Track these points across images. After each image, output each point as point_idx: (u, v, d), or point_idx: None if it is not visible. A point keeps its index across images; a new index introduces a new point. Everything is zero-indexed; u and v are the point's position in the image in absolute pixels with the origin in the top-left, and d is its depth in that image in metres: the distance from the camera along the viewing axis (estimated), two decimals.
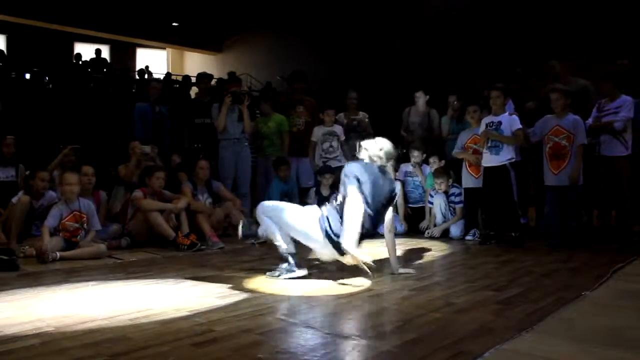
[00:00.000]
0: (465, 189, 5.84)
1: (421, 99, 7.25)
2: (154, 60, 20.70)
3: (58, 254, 4.38)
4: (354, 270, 3.83)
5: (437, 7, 12.68)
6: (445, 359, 1.97)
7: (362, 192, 3.37)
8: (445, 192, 5.96)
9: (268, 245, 5.30)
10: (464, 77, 9.87)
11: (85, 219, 4.82)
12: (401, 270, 3.74)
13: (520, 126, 5.21)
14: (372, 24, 14.12)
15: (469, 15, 12.05)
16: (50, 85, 12.13)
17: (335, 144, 6.98)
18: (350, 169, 3.45)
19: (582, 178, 5.01)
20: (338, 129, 7.04)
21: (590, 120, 5.40)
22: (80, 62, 15.20)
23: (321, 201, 6.17)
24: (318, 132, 6.97)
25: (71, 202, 4.80)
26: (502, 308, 2.71)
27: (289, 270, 3.58)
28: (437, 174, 6.01)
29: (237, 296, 3.02)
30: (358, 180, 3.38)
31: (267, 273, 3.68)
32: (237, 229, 5.63)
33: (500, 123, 5.23)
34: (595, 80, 5.79)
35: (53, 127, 8.71)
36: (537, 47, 10.12)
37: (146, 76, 16.42)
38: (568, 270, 3.84)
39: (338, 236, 3.38)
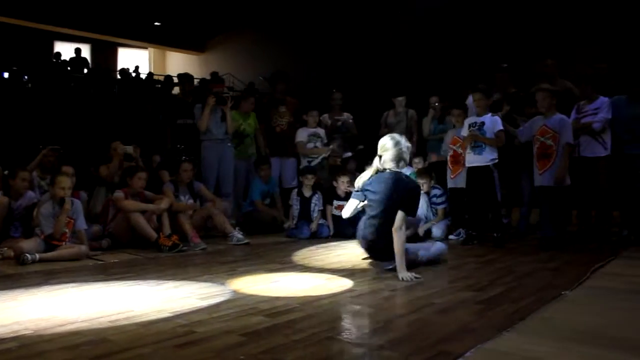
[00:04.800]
0: (449, 189, 5.90)
1: (401, 102, 7.31)
2: (135, 60, 20.54)
3: (37, 255, 4.32)
4: (337, 270, 3.86)
5: (418, 9, 12.74)
6: (426, 359, 1.98)
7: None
8: (427, 193, 5.98)
9: (251, 246, 5.34)
10: (445, 78, 9.93)
11: (72, 222, 4.76)
12: (402, 275, 3.52)
13: (502, 127, 5.27)
14: (354, 24, 14.15)
15: (451, 17, 12.13)
16: (30, 85, 11.98)
17: (319, 145, 7.02)
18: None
19: (567, 179, 5.02)
20: (321, 131, 7.09)
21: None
22: (59, 61, 15.03)
23: (303, 202, 6.19)
24: (303, 133, 6.99)
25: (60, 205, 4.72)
26: (483, 308, 2.73)
27: None
28: (419, 174, 6.04)
29: (219, 297, 3.01)
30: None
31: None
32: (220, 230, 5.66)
33: (483, 123, 5.28)
34: (576, 82, 5.86)
35: (32, 127, 8.61)
36: (519, 48, 10.23)
37: (133, 75, 16.33)
38: (548, 270, 3.87)
39: None
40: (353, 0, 14.30)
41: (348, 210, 4.11)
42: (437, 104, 6.91)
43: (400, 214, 3.66)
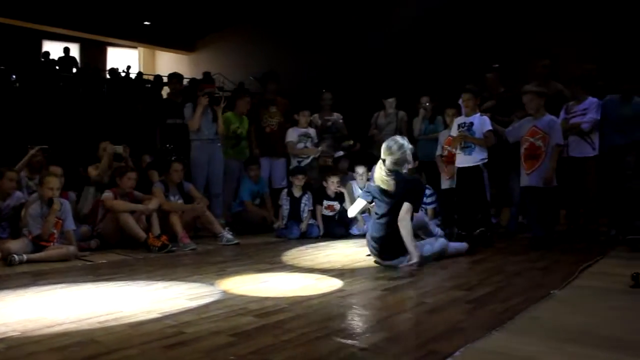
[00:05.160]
0: (442, 189, 5.93)
1: (391, 104, 7.32)
2: (125, 59, 20.42)
3: (25, 256, 4.29)
4: (327, 270, 3.85)
5: (410, 10, 12.76)
6: (416, 358, 1.99)
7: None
8: None
9: (241, 246, 5.33)
10: (435, 79, 9.96)
11: (60, 222, 4.71)
12: (415, 258, 3.77)
13: (491, 127, 5.30)
14: (345, 24, 14.15)
15: (442, 18, 12.16)
16: (18, 84, 11.88)
17: (309, 145, 7.02)
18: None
19: (554, 179, 5.05)
20: (312, 131, 7.09)
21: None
22: (48, 60, 14.92)
23: (293, 202, 6.19)
24: (294, 133, 6.98)
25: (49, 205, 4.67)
26: (473, 307, 2.74)
27: None
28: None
29: (208, 297, 3.00)
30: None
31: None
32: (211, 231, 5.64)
33: (472, 124, 5.31)
34: (567, 83, 5.89)
35: (20, 127, 8.54)
36: (508, 49, 10.27)
37: (123, 74, 16.24)
38: (537, 269, 3.90)
39: None
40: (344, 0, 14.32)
41: (354, 209, 4.32)
42: (427, 104, 6.93)
43: (405, 205, 3.81)
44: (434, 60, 11.81)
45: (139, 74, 17.11)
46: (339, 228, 6.17)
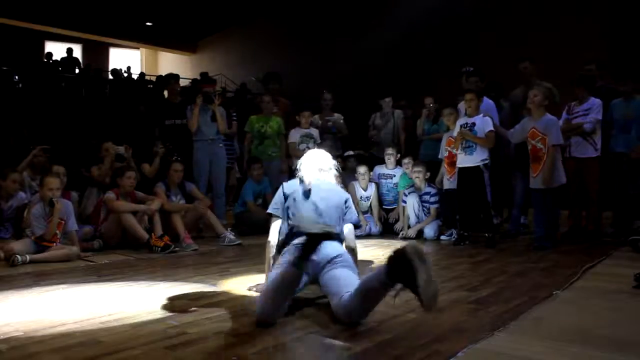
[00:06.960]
0: (444, 190, 5.91)
1: (388, 103, 7.32)
2: (127, 60, 20.47)
3: (28, 256, 4.29)
4: None
5: (412, 10, 12.78)
6: (419, 359, 1.98)
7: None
8: (419, 189, 5.96)
9: (243, 246, 5.33)
10: (438, 80, 9.97)
11: (63, 223, 4.71)
12: None
13: (493, 128, 5.28)
14: (347, 25, 14.16)
15: (444, 19, 12.18)
16: (20, 85, 11.91)
17: (311, 146, 6.99)
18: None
19: (558, 179, 5.02)
20: (314, 131, 7.06)
21: (560, 123, 5.48)
22: (51, 61, 14.97)
23: None
24: (296, 134, 6.97)
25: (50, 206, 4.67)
26: (476, 308, 2.73)
27: None
28: (415, 164, 6.04)
29: (211, 298, 3.00)
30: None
31: None
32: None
33: (474, 124, 5.29)
34: (561, 83, 5.89)
35: (22, 127, 8.56)
36: (504, 49, 10.28)
37: (125, 75, 16.28)
38: (540, 270, 3.89)
39: None
40: (346, 0, 14.33)
41: None
42: (431, 105, 6.94)
43: None
44: (433, 61, 11.84)
45: (142, 74, 17.15)
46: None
